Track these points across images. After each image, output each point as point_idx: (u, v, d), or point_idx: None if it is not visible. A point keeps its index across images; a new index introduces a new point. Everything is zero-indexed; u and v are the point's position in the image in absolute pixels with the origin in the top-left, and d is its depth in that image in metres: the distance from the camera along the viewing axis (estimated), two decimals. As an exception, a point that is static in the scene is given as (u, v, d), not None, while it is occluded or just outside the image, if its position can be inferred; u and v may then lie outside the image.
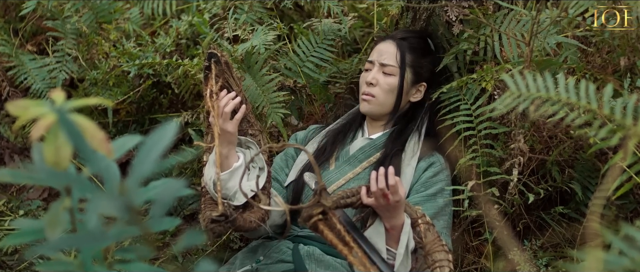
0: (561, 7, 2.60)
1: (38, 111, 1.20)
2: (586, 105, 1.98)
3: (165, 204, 1.24)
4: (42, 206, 3.38)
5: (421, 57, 2.76)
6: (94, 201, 1.17)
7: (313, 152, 2.79)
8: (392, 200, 2.29)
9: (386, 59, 2.73)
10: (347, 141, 2.81)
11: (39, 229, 1.29)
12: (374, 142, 2.74)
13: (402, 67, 2.72)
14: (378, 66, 2.74)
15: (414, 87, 2.76)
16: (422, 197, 2.60)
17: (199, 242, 1.22)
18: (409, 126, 2.75)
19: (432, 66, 2.78)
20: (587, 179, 2.80)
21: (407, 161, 2.66)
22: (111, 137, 3.61)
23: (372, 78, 2.73)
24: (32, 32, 4.07)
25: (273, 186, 2.73)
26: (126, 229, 1.22)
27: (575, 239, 2.72)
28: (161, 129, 1.25)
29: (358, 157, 2.72)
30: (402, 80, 2.72)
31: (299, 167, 2.76)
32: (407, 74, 2.73)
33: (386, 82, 2.72)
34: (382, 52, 2.76)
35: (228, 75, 2.64)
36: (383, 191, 2.28)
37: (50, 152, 1.19)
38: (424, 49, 2.78)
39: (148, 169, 1.21)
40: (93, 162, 1.21)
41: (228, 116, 2.59)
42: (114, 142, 1.32)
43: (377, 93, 2.73)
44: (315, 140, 2.84)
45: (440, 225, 2.58)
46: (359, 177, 2.69)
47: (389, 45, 2.76)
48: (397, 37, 2.78)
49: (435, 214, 2.57)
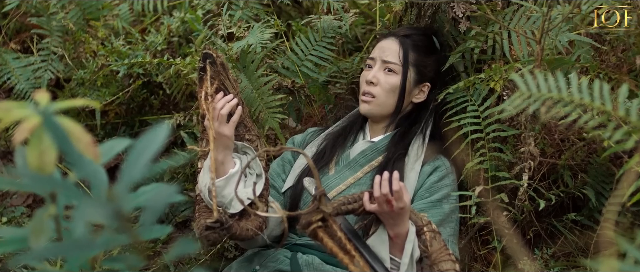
0: (573, 4, 2.60)
1: (21, 113, 1.19)
2: (600, 106, 1.98)
3: (156, 210, 1.24)
4: (26, 213, 3.38)
5: (425, 56, 2.76)
6: (81, 207, 1.17)
7: (312, 156, 2.78)
8: (396, 207, 2.28)
9: (388, 56, 2.73)
10: (347, 144, 2.81)
11: (23, 238, 1.28)
12: (375, 145, 2.74)
13: (404, 66, 2.72)
14: (380, 63, 2.74)
15: (417, 88, 2.76)
16: (427, 204, 2.59)
17: (191, 250, 1.22)
18: (412, 128, 2.75)
19: (436, 66, 2.78)
20: (600, 184, 2.80)
21: (410, 165, 2.66)
22: (99, 140, 3.61)
23: (373, 77, 2.73)
24: (16, 30, 4.07)
25: (270, 194, 2.72)
26: (115, 237, 1.22)
27: (589, 248, 2.72)
28: (152, 132, 1.25)
29: (359, 162, 2.72)
30: (404, 79, 2.71)
31: (297, 172, 2.75)
32: (410, 73, 2.73)
33: (387, 81, 2.72)
34: (384, 49, 2.76)
35: (224, 77, 2.63)
36: (387, 196, 2.27)
37: (34, 157, 1.19)
38: (428, 47, 2.78)
39: (138, 173, 1.21)
40: (80, 167, 1.21)
41: (224, 119, 2.59)
42: (102, 145, 1.32)
43: (378, 93, 2.73)
44: (314, 143, 2.83)
45: (447, 233, 2.58)
46: (361, 182, 2.68)
47: (392, 42, 2.76)
48: (400, 34, 2.77)
49: (441, 221, 2.57)
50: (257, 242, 2.66)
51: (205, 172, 2.61)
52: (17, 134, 1.17)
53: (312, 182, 2.54)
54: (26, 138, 1.19)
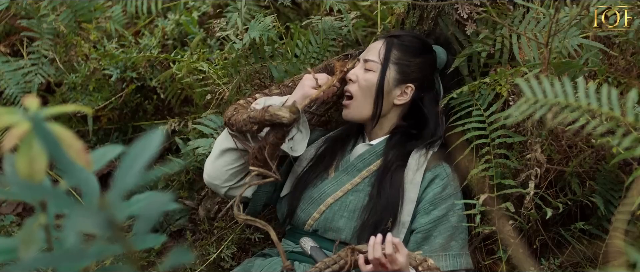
0: (582, 5, 2.60)
1: (11, 119, 1.19)
2: (608, 112, 1.98)
3: (150, 219, 1.24)
4: (16, 221, 3.37)
5: (411, 56, 2.72)
6: (72, 216, 1.17)
7: (310, 159, 2.78)
8: (391, 269, 2.32)
9: (370, 55, 2.72)
10: (347, 148, 2.80)
11: (12, 248, 1.28)
12: (374, 148, 2.73)
13: (384, 63, 2.68)
14: (361, 63, 2.74)
15: (398, 88, 2.71)
16: (432, 222, 2.60)
17: (186, 261, 1.22)
18: (413, 134, 2.74)
19: (424, 67, 2.74)
20: (609, 192, 2.80)
21: (410, 177, 2.65)
22: (91, 146, 3.61)
23: (352, 74, 2.72)
24: (5, 32, 4.07)
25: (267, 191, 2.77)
26: (107, 247, 1.21)
27: (597, 258, 2.72)
28: (146, 138, 1.25)
29: (357, 166, 2.71)
30: (382, 76, 2.68)
31: (293, 179, 2.77)
32: (389, 71, 2.69)
33: (364, 78, 2.70)
34: (369, 49, 2.76)
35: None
36: (379, 260, 2.31)
37: (24, 164, 1.19)
38: (417, 48, 2.74)
39: (131, 181, 1.21)
40: (71, 175, 1.21)
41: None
42: (94, 152, 1.32)
43: (355, 91, 2.71)
44: (313, 146, 2.83)
45: (459, 246, 2.60)
46: (358, 188, 2.68)
47: (379, 42, 2.75)
48: (390, 34, 2.77)
49: (450, 235, 2.59)
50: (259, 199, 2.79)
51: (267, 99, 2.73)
52: (6, 140, 1.17)
53: (308, 240, 2.59)
54: (15, 145, 1.19)
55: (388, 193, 2.61)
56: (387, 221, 2.58)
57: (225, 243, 3.11)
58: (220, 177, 2.70)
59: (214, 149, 2.73)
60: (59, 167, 1.20)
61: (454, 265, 2.59)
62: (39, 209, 1.27)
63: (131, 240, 1.22)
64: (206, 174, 2.74)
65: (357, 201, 2.65)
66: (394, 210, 2.59)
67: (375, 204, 2.61)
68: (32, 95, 1.26)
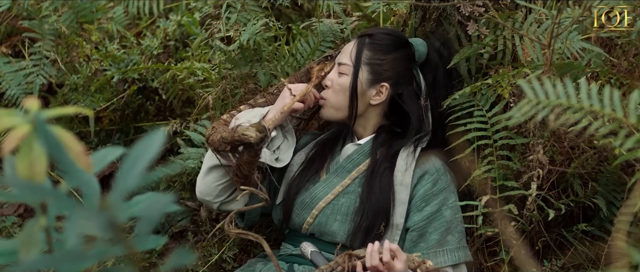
0: (584, 6, 2.60)
1: (11, 121, 1.19)
2: (611, 113, 1.98)
3: (152, 220, 1.24)
4: (17, 223, 3.37)
5: (383, 54, 2.67)
6: (73, 218, 1.17)
7: (301, 164, 2.78)
8: None
9: (342, 58, 2.71)
10: (336, 149, 2.79)
11: (12, 250, 1.28)
12: (362, 148, 2.71)
13: (355, 65, 2.66)
14: (336, 66, 2.74)
15: (373, 88, 2.68)
16: (426, 218, 2.58)
17: (188, 262, 1.22)
18: (398, 133, 2.71)
19: (397, 64, 2.69)
20: (612, 193, 2.80)
21: (400, 178, 2.63)
22: (93, 148, 3.61)
23: (327, 79, 2.72)
24: (7, 33, 4.07)
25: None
26: (108, 249, 1.22)
27: (600, 259, 2.71)
28: (147, 139, 1.25)
29: (346, 167, 2.70)
30: (354, 79, 2.66)
31: (285, 185, 2.77)
32: (361, 72, 2.66)
33: (338, 83, 2.69)
34: (342, 52, 2.74)
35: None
36: (377, 268, 2.31)
37: (25, 166, 1.19)
38: (390, 45, 2.70)
39: (133, 182, 1.21)
40: (71, 176, 1.21)
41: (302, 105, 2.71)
42: (95, 154, 1.32)
43: (329, 96, 2.71)
44: (303, 151, 2.82)
45: (456, 240, 2.58)
46: (349, 190, 2.66)
47: (351, 43, 2.73)
48: (362, 34, 2.75)
49: (445, 230, 2.57)
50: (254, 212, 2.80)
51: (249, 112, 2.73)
52: (7, 142, 1.17)
53: (309, 245, 2.58)
54: (16, 147, 1.19)
55: (378, 197, 2.59)
56: (380, 225, 2.57)
57: (227, 244, 3.11)
58: (211, 193, 2.72)
59: (203, 166, 2.76)
60: (60, 169, 1.20)
61: (452, 259, 2.58)
62: (39, 211, 1.27)
63: (132, 241, 1.22)
64: (198, 190, 2.76)
65: (349, 204, 2.64)
66: (386, 215, 2.57)
67: (366, 208, 2.59)
68: (33, 97, 1.26)
